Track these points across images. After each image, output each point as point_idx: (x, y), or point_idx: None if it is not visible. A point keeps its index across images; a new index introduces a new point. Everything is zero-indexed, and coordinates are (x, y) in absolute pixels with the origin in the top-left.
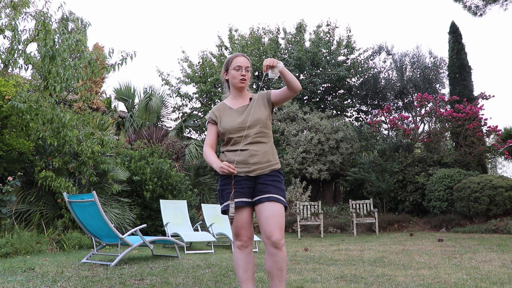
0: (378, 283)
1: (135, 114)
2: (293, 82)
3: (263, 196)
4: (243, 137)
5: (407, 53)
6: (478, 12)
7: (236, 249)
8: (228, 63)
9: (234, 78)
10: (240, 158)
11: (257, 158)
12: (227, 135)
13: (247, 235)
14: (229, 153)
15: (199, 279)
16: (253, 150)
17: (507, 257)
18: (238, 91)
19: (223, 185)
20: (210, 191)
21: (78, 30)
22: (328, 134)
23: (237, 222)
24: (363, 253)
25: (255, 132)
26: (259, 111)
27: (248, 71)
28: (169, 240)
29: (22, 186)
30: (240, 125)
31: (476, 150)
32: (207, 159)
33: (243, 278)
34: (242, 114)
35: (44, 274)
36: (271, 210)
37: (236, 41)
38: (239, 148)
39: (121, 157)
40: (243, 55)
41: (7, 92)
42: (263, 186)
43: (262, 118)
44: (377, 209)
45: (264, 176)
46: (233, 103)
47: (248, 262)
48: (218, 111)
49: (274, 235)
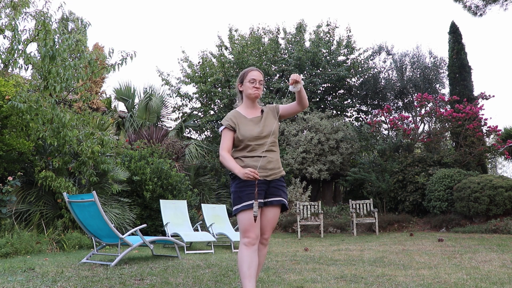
0: (378, 283)
1: (135, 114)
2: (304, 99)
3: (275, 199)
4: (260, 145)
5: (407, 53)
6: (478, 12)
7: (243, 246)
8: (243, 76)
9: (249, 90)
10: (260, 164)
11: (273, 164)
12: (245, 142)
13: (255, 232)
14: (247, 159)
15: (199, 279)
16: (269, 157)
17: (507, 257)
18: (252, 101)
19: (241, 187)
20: (210, 191)
21: (78, 30)
22: (328, 134)
23: (249, 220)
24: (363, 253)
25: (270, 141)
26: (271, 123)
27: (261, 84)
28: (169, 240)
29: (22, 186)
30: (258, 135)
31: (476, 150)
32: (227, 164)
33: (246, 274)
34: (257, 124)
35: (44, 274)
36: (274, 214)
37: (236, 41)
38: (257, 154)
39: (121, 157)
40: (257, 69)
41: (7, 92)
42: (275, 190)
43: (275, 130)
44: (377, 209)
45: (276, 181)
46: (247, 112)
47: (252, 259)
48: (236, 118)
49: (266, 233)
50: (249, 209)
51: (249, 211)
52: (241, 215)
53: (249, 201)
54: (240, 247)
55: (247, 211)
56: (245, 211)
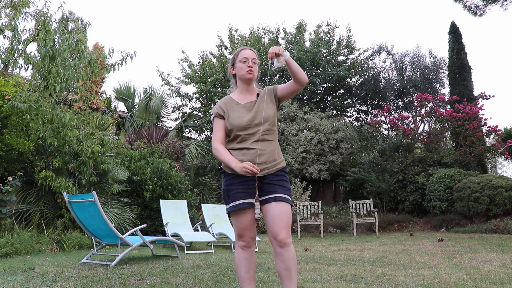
0: (378, 283)
1: (135, 114)
2: (299, 74)
3: (269, 196)
4: (251, 134)
5: (407, 53)
6: (478, 12)
7: (239, 249)
8: (234, 58)
9: (241, 70)
10: (247, 158)
11: (264, 157)
12: (235, 132)
13: (250, 235)
14: (235, 151)
15: (199, 279)
16: (260, 149)
17: (507, 257)
18: (246, 84)
19: (229, 185)
20: (210, 191)
21: (78, 30)
22: (328, 134)
23: (241, 224)
24: (363, 253)
25: (263, 130)
26: (267, 108)
27: (255, 63)
28: (169, 240)
29: (22, 186)
30: (249, 123)
31: (476, 150)
32: (221, 157)
33: (245, 277)
34: (250, 110)
35: (44, 274)
36: (277, 210)
37: (236, 41)
38: (245, 146)
39: (121, 157)
40: (249, 48)
41: (7, 92)
42: (269, 186)
43: (271, 116)
44: (377, 209)
45: (270, 176)
46: (240, 97)
47: (250, 262)
48: (225, 105)
49: (280, 234)
50: (239, 210)
51: (240, 212)
52: (232, 217)
53: (236, 201)
54: (236, 249)
55: (238, 212)
56: (235, 212)
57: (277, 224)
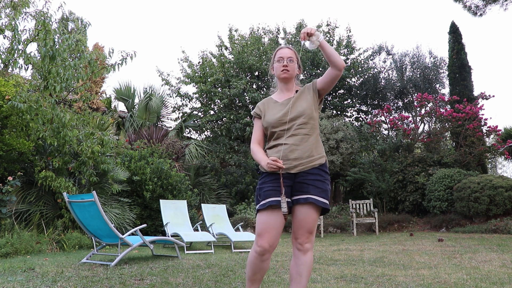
0: (378, 283)
1: (135, 114)
2: (334, 56)
3: (301, 196)
4: (285, 130)
5: (407, 53)
6: (478, 12)
7: (253, 253)
8: (273, 58)
9: (277, 70)
10: (280, 154)
11: (298, 153)
12: (270, 129)
13: (269, 240)
14: (271, 150)
15: (199, 279)
16: (293, 144)
17: (507, 257)
18: (284, 83)
19: (262, 183)
20: (210, 191)
21: (78, 30)
22: (328, 134)
23: (263, 222)
24: (363, 253)
25: (298, 123)
26: (302, 101)
27: (291, 61)
28: (169, 240)
29: (22, 186)
30: (281, 118)
31: (476, 150)
32: (255, 157)
33: (251, 278)
34: (285, 106)
35: (44, 274)
36: (304, 214)
37: (236, 41)
38: (279, 142)
39: (121, 157)
40: (287, 46)
41: (7, 92)
42: (301, 186)
43: (306, 109)
44: (377, 209)
45: (304, 174)
46: (279, 96)
47: (261, 268)
48: (263, 105)
49: (299, 237)
50: (265, 209)
51: (266, 212)
52: (258, 216)
53: (266, 199)
54: (252, 250)
55: (264, 212)
56: (261, 211)
57: (300, 227)
